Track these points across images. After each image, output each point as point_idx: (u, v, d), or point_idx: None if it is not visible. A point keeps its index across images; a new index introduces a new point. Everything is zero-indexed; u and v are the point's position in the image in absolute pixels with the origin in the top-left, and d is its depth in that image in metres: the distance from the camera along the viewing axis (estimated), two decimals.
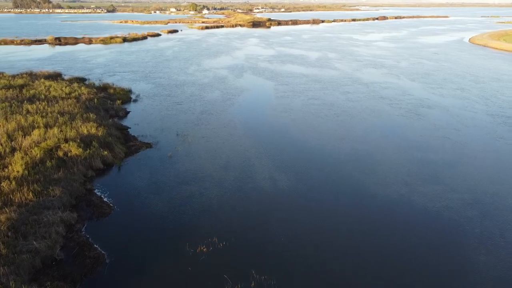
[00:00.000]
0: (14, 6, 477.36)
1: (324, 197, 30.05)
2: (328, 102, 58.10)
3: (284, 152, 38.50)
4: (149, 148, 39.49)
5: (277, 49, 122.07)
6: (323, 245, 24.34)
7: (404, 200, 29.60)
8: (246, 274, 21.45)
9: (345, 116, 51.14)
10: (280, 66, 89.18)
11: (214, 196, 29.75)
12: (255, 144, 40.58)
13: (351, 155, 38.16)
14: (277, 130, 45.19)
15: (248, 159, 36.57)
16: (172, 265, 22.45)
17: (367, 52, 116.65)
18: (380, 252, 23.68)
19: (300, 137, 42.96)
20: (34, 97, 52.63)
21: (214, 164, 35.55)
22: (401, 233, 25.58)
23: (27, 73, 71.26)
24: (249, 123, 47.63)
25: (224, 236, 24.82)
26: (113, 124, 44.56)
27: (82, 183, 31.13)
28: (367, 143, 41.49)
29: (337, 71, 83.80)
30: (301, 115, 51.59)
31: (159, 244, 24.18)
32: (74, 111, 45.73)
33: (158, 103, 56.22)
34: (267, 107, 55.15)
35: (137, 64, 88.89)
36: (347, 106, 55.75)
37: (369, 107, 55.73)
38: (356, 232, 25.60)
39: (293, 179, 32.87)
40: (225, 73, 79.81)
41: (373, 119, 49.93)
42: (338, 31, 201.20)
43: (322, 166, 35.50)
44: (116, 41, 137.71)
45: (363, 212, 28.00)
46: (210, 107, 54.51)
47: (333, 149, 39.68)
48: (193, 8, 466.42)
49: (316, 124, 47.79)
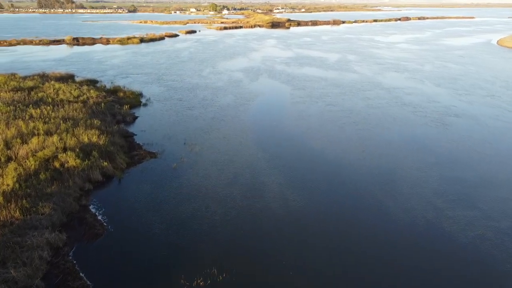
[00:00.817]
0: (39, 6, 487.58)
1: (341, 222, 26.87)
2: (347, 108, 54.65)
3: (298, 166, 35.44)
4: (154, 158, 37.04)
5: (295, 50, 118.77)
6: (340, 280, 21.24)
7: (431, 228, 26.15)
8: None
9: (365, 124, 47.66)
10: (297, 69, 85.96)
11: (217, 218, 26.95)
12: (266, 155, 37.64)
13: (372, 170, 34.79)
14: (291, 140, 42.13)
15: (258, 174, 33.65)
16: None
17: (389, 55, 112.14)
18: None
19: (315, 148, 39.80)
20: (41, 101, 51.05)
21: (220, 178, 32.77)
22: (428, 267, 22.22)
23: (39, 74, 70.24)
24: (261, 132, 44.72)
25: (225, 267, 21.98)
26: (118, 131, 42.34)
27: (77, 198, 28.81)
28: (389, 156, 38.01)
29: (357, 75, 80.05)
30: (317, 123, 48.38)
31: (152, 275, 21.52)
32: (78, 117, 43.75)
33: (168, 108, 53.89)
34: (282, 113, 52.12)
35: (151, 66, 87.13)
36: (368, 114, 52.20)
37: (391, 115, 52.05)
38: (378, 267, 22.36)
39: (306, 199, 29.79)
40: (240, 76, 77.12)
41: (395, 129, 46.30)
42: (359, 32, 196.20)
43: (339, 184, 32.29)
44: (133, 41, 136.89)
45: (385, 241, 24.72)
46: (222, 113, 51.85)
47: (351, 163, 36.38)
48: (213, 9, 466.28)
49: (334, 133, 44.52)
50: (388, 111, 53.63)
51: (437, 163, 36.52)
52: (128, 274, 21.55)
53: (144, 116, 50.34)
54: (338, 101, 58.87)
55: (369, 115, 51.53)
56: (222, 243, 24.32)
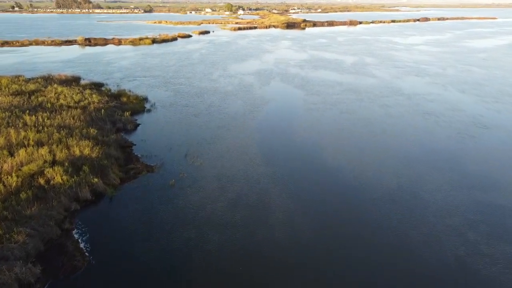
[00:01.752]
0: (57, 6, 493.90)
1: (357, 258, 23.20)
2: (364, 117, 50.75)
3: (308, 185, 31.87)
4: (151, 173, 33.94)
5: (309, 52, 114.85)
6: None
7: (463, 267, 22.30)
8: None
9: (383, 136, 43.76)
10: (311, 72, 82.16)
11: (213, 248, 23.60)
12: (274, 173, 34.15)
13: (391, 193, 30.98)
14: (302, 155, 38.53)
15: (263, 195, 30.19)
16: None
17: (408, 57, 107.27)
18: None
19: (329, 165, 36.14)
20: (40, 106, 48.65)
21: (221, 199, 29.42)
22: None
23: (44, 77, 68.14)
24: (270, 144, 41.25)
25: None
26: (116, 140, 39.40)
27: (60, 221, 25.81)
28: (410, 176, 34.09)
29: (374, 79, 75.83)
30: (332, 134, 44.68)
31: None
32: (75, 125, 41.01)
33: (172, 115, 50.87)
34: (294, 122, 48.53)
35: (160, 68, 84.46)
36: (386, 124, 48.23)
37: (412, 125, 47.96)
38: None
39: (317, 225, 26.23)
40: (251, 80, 73.76)
41: (417, 142, 42.26)
42: (377, 33, 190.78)
43: (355, 209, 28.61)
44: (145, 42, 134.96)
45: (410, 284, 20.99)
46: (229, 121, 48.57)
47: (368, 183, 32.61)
48: (229, 9, 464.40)
49: (349, 146, 40.76)
50: (409, 121, 49.54)
51: (466, 185, 32.47)
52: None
53: (146, 124, 47.40)
54: (355, 108, 54.97)
55: (388, 125, 47.55)
56: (218, 280, 20.97)
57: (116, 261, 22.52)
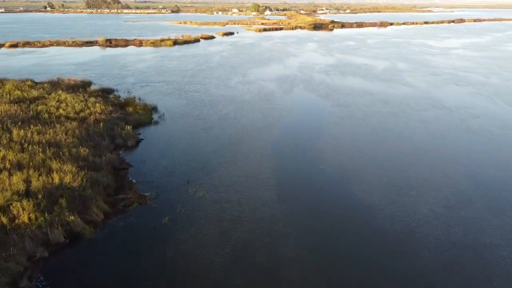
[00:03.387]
0: (87, 6, 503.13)
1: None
2: (398, 135, 43.92)
3: (337, 234, 25.63)
4: (143, 205, 28.54)
5: (337, 56, 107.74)
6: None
7: None
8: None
9: (422, 161, 36.88)
10: (339, 79, 75.35)
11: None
12: (291, 213, 28.09)
13: (431, 235, 24.36)
14: (327, 186, 32.26)
15: (275, 248, 24.13)
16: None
17: (445, 63, 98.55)
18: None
19: (357, 200, 29.77)
20: (36, 116, 44.35)
21: (220, 252, 23.57)
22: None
23: (52, 81, 64.45)
24: (288, 171, 35.14)
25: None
26: (110, 161, 34.27)
27: (17, 277, 20.69)
28: (460, 219, 27.28)
29: (409, 89, 68.33)
30: (361, 155, 38.15)
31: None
32: (66, 141, 36.18)
33: (181, 128, 45.55)
34: (317, 142, 42.23)
35: (176, 72, 79.63)
36: (426, 144, 41.25)
37: (457, 146, 40.80)
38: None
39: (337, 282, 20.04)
40: (272, 87, 67.75)
41: (464, 171, 35.17)
42: (409, 35, 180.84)
43: (402, 262, 22.20)
44: (166, 44, 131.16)
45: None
46: (243, 137, 42.80)
47: (401, 223, 26.07)
48: (255, 9, 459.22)
49: (381, 173, 34.16)
50: (452, 142, 42.36)
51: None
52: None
53: (150, 139, 42.22)
54: (388, 124, 48.11)
55: (428, 147, 40.57)
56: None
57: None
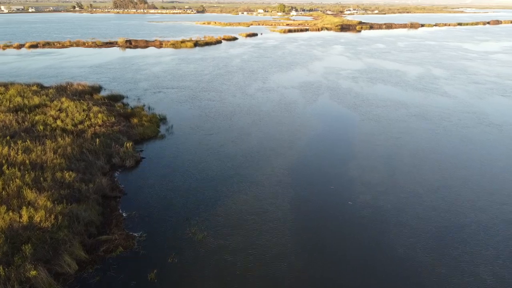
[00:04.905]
0: (114, 6, 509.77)
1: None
2: (443, 159, 37.20)
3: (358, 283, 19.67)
4: (129, 250, 23.33)
5: (365, 60, 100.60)
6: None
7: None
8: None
9: (469, 192, 30.21)
10: (368, 88, 68.65)
11: None
12: (310, 264, 22.24)
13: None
14: (355, 230, 26.22)
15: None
16: None
17: (486, 69, 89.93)
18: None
19: (397, 253, 23.61)
20: (31, 128, 40.09)
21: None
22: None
23: (59, 86, 60.81)
24: (309, 205, 29.24)
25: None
26: (99, 189, 29.28)
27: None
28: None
29: (449, 100, 61.00)
30: (399, 191, 31.80)
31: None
32: (52, 163, 31.44)
33: (189, 145, 40.32)
34: (344, 166, 36.07)
35: (192, 77, 74.74)
36: (474, 169, 34.43)
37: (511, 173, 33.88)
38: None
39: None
40: (294, 96, 61.81)
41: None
42: (442, 38, 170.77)
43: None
44: (186, 45, 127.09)
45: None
46: (258, 159, 37.16)
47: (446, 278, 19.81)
48: (281, 9, 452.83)
49: (424, 214, 27.80)
50: (506, 167, 35.36)
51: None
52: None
53: (152, 158, 37.14)
54: (426, 142, 41.43)
55: (476, 172, 33.77)
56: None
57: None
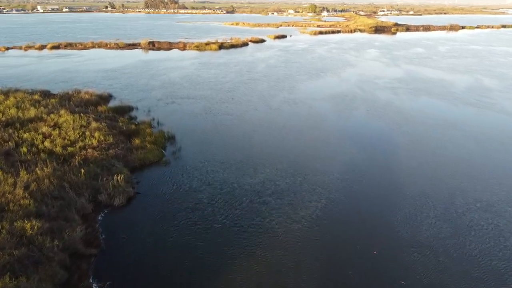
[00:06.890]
0: (145, 6, 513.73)
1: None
2: (498, 195, 28.81)
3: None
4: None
5: (404, 67, 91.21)
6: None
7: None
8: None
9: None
10: (409, 101, 59.95)
11: None
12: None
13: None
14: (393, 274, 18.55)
15: None
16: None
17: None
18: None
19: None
20: (15, 149, 34.42)
21: None
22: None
23: (65, 94, 55.55)
24: (339, 259, 21.75)
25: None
26: (68, 246, 22.73)
27: None
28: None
29: (507, 117, 51.65)
30: (445, 234, 23.79)
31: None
32: (19, 203, 25.29)
33: (196, 176, 33.45)
34: (381, 205, 28.23)
35: (211, 85, 68.14)
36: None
37: None
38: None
39: None
40: (324, 110, 54.05)
41: None
42: (487, 41, 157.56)
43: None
44: (211, 47, 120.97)
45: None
46: (279, 198, 29.89)
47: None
48: (312, 10, 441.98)
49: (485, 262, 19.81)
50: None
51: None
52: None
53: (148, 193, 30.52)
54: (483, 174, 32.90)
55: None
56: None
57: None
